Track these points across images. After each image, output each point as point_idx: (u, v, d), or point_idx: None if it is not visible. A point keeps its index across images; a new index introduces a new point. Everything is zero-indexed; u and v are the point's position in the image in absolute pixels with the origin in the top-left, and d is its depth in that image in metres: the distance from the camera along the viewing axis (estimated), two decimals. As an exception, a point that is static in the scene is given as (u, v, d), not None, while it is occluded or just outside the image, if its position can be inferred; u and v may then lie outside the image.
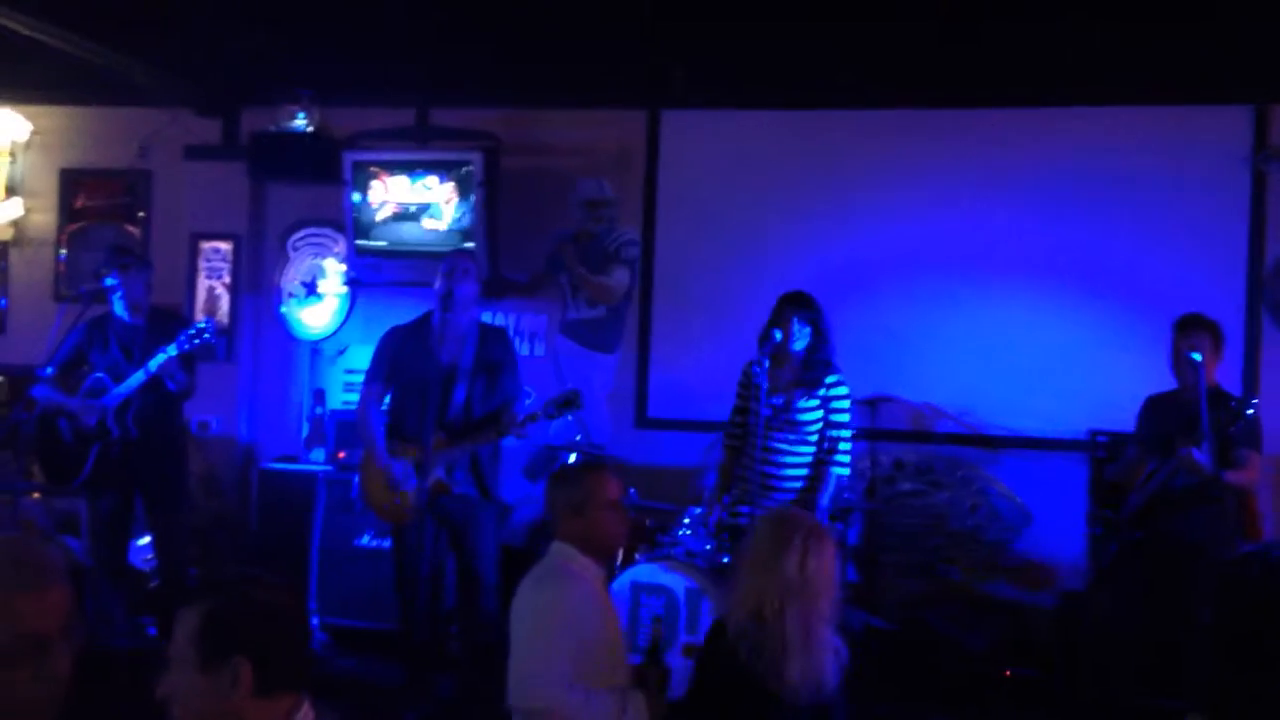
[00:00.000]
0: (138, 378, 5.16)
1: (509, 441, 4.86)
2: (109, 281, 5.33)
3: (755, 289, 6.09)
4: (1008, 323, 6.17)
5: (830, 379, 4.66)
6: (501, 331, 5.17)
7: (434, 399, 4.60)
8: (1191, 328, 4.63)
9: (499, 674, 3.20)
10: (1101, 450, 5.70)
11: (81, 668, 1.96)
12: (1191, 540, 4.53)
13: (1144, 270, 6.04)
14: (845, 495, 5.71)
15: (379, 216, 6.62)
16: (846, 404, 4.71)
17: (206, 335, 5.18)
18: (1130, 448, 4.99)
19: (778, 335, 4.55)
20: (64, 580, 1.93)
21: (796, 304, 4.65)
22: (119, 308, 5.37)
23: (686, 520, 5.41)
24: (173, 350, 5.11)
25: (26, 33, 5.71)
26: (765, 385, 4.41)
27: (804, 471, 4.63)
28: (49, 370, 5.33)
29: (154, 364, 5.12)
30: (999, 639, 5.62)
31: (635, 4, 5.27)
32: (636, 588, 5.01)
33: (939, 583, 6.08)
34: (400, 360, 4.84)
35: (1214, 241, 6.03)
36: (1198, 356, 4.48)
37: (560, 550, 3.32)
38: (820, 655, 2.91)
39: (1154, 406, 4.89)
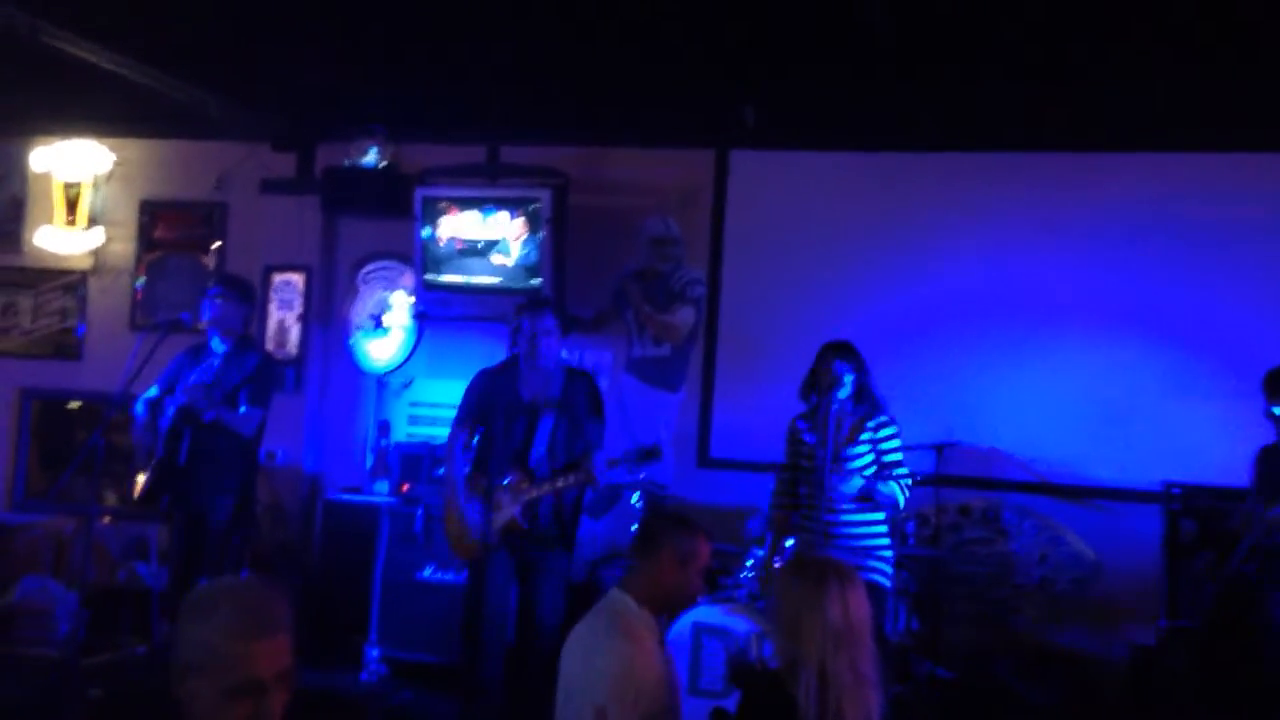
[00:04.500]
0: (167, 406, 5.18)
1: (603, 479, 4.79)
2: (205, 302, 5.38)
3: (821, 331, 6.02)
4: (1079, 370, 6.08)
5: (872, 422, 4.58)
6: (588, 376, 5.11)
7: (517, 436, 4.67)
8: None
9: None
10: (1176, 503, 5.58)
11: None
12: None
13: (1220, 320, 5.93)
14: (909, 541, 5.65)
15: (447, 252, 6.69)
16: (896, 443, 4.61)
17: (249, 364, 5.20)
18: (1249, 500, 4.88)
19: (843, 380, 4.50)
20: (288, 630, 2.05)
21: (838, 351, 4.60)
22: (213, 337, 5.42)
23: (750, 562, 5.38)
24: (200, 380, 5.11)
25: (110, 67, 5.88)
26: (813, 438, 4.39)
27: (864, 517, 4.56)
28: (154, 391, 5.35)
29: (180, 395, 5.11)
30: (1066, 693, 5.50)
31: (706, 44, 5.30)
32: (698, 629, 4.97)
33: (1005, 633, 5.97)
34: (489, 403, 4.88)
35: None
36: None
37: (622, 603, 3.29)
38: (870, 696, 2.85)
39: (1266, 457, 4.81)
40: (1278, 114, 5.69)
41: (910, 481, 4.61)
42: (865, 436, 4.56)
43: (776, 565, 4.87)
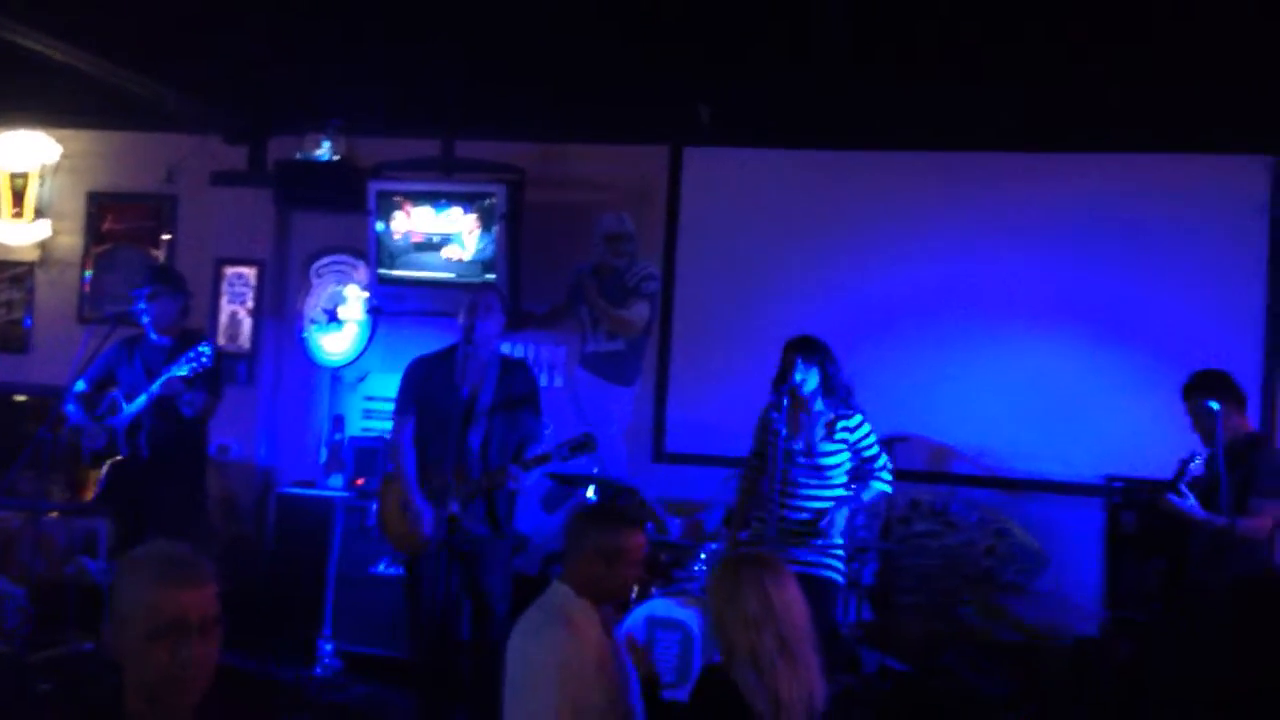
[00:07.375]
0: (140, 401, 5.14)
1: (528, 477, 4.82)
2: (138, 300, 5.33)
3: (774, 326, 6.11)
4: (1026, 367, 6.19)
5: (847, 422, 4.65)
6: (523, 364, 5.17)
7: (454, 435, 4.62)
8: (1197, 388, 4.69)
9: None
10: (1117, 496, 5.71)
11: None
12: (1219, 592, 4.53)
13: (1162, 317, 6.06)
14: (860, 534, 5.74)
15: (401, 246, 6.68)
16: (872, 438, 4.70)
17: (204, 359, 5.08)
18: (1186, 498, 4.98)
19: (797, 378, 4.57)
20: (208, 587, 2.18)
21: (800, 348, 4.66)
22: (151, 332, 5.38)
23: (703, 555, 5.43)
24: (177, 373, 5.05)
25: (60, 58, 5.80)
26: (784, 430, 4.45)
27: (819, 515, 4.63)
28: (82, 386, 5.33)
29: (156, 386, 5.08)
30: (1014, 682, 5.60)
31: (662, 41, 5.34)
32: (652, 622, 5.02)
33: (954, 624, 6.08)
34: (424, 392, 4.86)
35: (1232, 289, 6.05)
36: (1215, 405, 4.51)
37: (562, 594, 3.29)
38: (805, 671, 2.89)
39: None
40: (1224, 116, 5.82)
41: (890, 465, 4.74)
42: (840, 437, 4.62)
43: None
